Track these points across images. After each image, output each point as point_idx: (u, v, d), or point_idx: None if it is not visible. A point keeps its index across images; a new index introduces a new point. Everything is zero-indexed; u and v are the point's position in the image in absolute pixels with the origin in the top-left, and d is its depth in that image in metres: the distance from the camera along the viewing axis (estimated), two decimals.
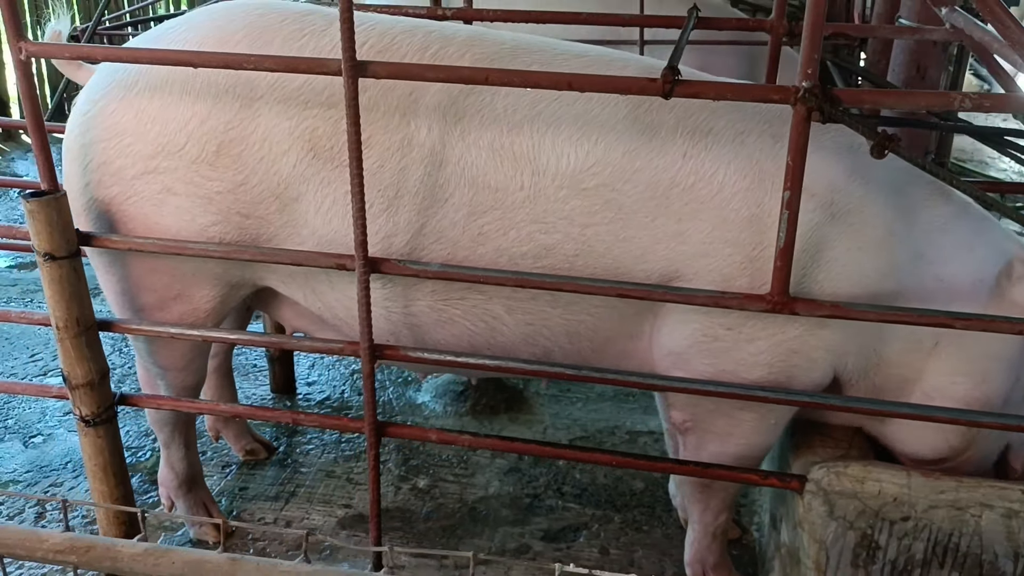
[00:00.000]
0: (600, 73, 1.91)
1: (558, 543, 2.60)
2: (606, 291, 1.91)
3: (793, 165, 1.71)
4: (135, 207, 2.06)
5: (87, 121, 2.06)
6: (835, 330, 1.93)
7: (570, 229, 1.92)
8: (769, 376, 1.97)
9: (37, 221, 2.00)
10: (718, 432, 2.11)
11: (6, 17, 1.91)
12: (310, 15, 2.05)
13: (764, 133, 1.91)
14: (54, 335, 2.12)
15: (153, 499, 2.75)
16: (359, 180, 1.83)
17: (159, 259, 2.13)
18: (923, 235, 1.92)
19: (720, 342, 1.96)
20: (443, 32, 2.03)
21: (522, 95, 1.94)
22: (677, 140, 1.90)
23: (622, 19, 3.18)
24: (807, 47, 1.65)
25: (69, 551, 1.03)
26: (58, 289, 2.07)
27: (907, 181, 1.96)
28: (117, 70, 2.06)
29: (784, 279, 1.80)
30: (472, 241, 1.96)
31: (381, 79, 1.87)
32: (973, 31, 2.12)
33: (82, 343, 2.13)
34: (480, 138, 1.93)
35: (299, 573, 1.01)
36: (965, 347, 1.95)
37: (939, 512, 1.95)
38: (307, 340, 2.20)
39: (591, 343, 2.07)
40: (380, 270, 1.95)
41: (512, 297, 2.01)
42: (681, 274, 1.92)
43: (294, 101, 1.95)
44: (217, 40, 1.99)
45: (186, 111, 1.98)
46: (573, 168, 1.90)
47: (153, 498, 2.75)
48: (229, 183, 1.99)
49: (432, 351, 2.08)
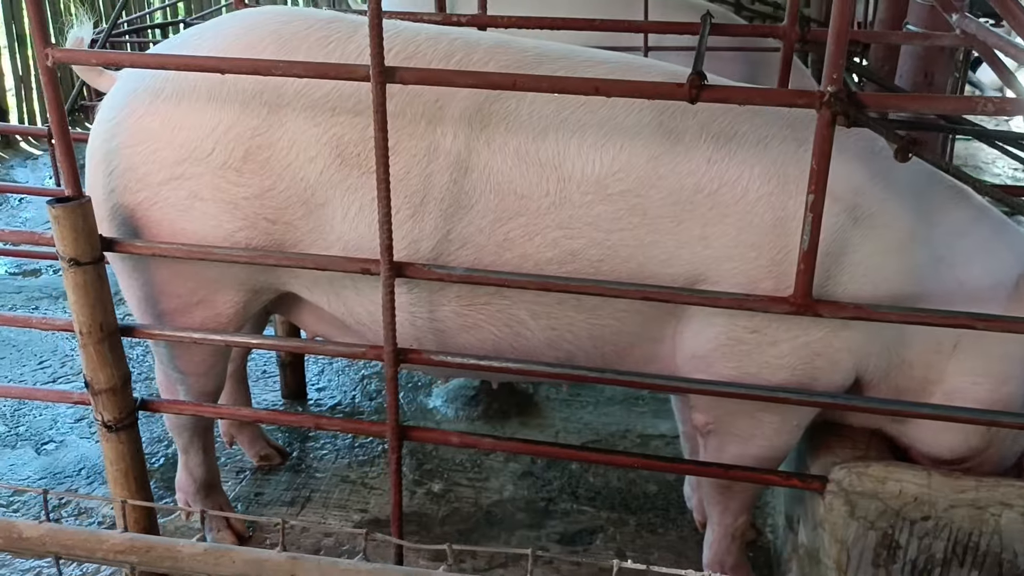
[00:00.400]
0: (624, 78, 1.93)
1: (574, 546, 2.62)
2: (630, 294, 1.93)
3: (818, 168, 1.74)
4: (161, 213, 2.07)
5: (113, 127, 2.07)
6: (857, 332, 1.96)
7: (595, 234, 1.94)
8: (792, 378, 1.99)
9: (62, 227, 2.00)
10: (740, 434, 2.13)
11: (34, 24, 1.92)
12: (335, 22, 2.06)
13: (787, 138, 1.93)
14: (77, 340, 2.12)
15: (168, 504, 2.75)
16: (386, 185, 1.85)
17: (183, 264, 2.14)
18: (944, 238, 1.95)
19: (744, 345, 1.98)
20: (467, 39, 2.05)
21: (547, 102, 1.96)
22: (701, 146, 1.92)
23: (628, 25, 3.21)
24: (832, 52, 1.68)
25: (129, 551, 1.04)
26: (82, 294, 2.07)
27: (927, 185, 1.99)
28: (143, 76, 2.07)
29: (808, 281, 1.83)
30: (497, 247, 1.98)
31: (408, 85, 1.89)
32: (987, 36, 2.15)
33: (105, 348, 2.13)
34: (506, 145, 1.94)
35: (359, 571, 1.02)
36: (985, 349, 1.97)
37: (959, 511, 1.97)
38: (330, 344, 2.21)
39: (615, 347, 2.09)
40: (405, 274, 1.96)
41: (536, 302, 2.03)
42: (706, 278, 1.94)
43: (321, 108, 1.97)
44: (244, 46, 2.01)
45: (213, 117, 1.99)
46: (598, 174, 1.92)
47: (168, 503, 2.75)
48: (256, 189, 2.00)
49: (456, 354, 2.09)
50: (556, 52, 2.05)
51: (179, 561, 1.04)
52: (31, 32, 1.96)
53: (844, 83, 1.72)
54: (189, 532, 2.63)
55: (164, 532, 2.59)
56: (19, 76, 6.56)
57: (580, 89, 1.80)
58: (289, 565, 1.02)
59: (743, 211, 1.91)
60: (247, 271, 2.14)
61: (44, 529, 1.06)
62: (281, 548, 1.04)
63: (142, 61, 2.04)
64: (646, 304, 2.00)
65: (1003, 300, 1.94)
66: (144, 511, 2.28)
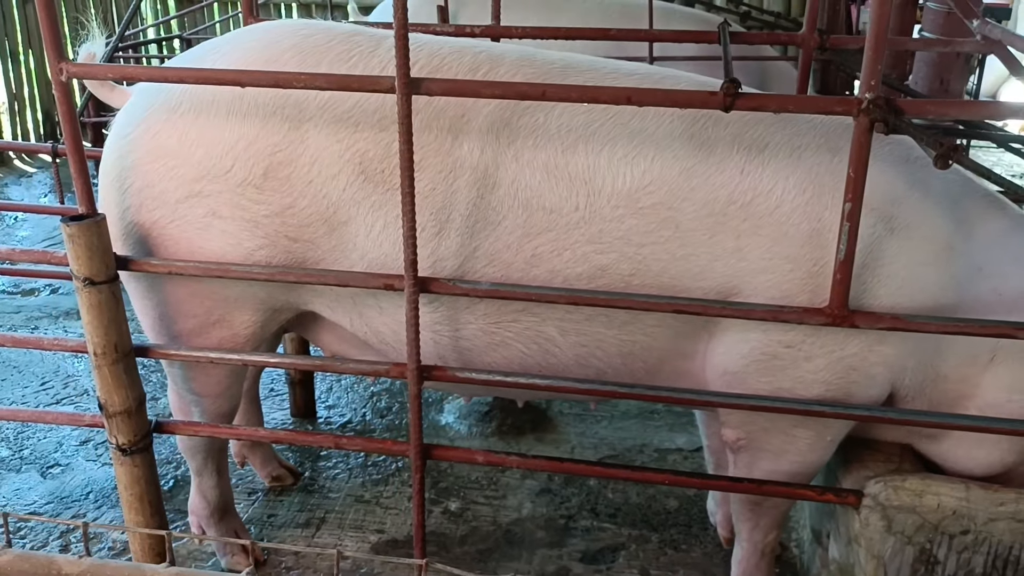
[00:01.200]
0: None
1: (597, 564, 2.56)
2: (662, 307, 1.88)
3: (855, 177, 1.70)
4: (179, 231, 2.01)
5: (129, 143, 2.02)
6: (894, 345, 1.92)
7: (626, 249, 1.90)
8: (827, 393, 1.95)
9: (77, 245, 1.95)
10: (772, 450, 2.08)
11: (47, 38, 1.87)
12: (357, 35, 2.02)
13: (821, 147, 1.90)
14: (91, 362, 2.07)
15: (180, 528, 2.68)
16: (410, 199, 1.81)
17: (200, 284, 2.09)
18: (982, 248, 1.91)
19: (778, 360, 1.94)
20: (491, 53, 2.02)
21: (575, 114, 1.92)
22: (734, 156, 1.88)
23: (635, 34, 3.19)
24: (870, 58, 1.65)
25: None
26: (96, 315, 2.02)
27: (962, 194, 1.95)
28: (159, 91, 2.02)
29: (844, 292, 1.79)
30: (525, 263, 1.93)
31: (434, 96, 1.85)
32: (1013, 40, 2.13)
33: (120, 370, 2.07)
34: (534, 159, 1.90)
35: None
36: (1022, 363, 1.94)
37: (999, 524, 1.94)
38: (352, 362, 2.15)
39: (644, 363, 2.04)
40: (430, 290, 1.92)
41: (565, 319, 1.98)
42: (740, 291, 1.90)
43: (344, 123, 1.92)
44: (264, 60, 1.96)
45: (232, 133, 1.94)
46: (629, 187, 1.88)
47: (179, 527, 2.69)
48: (277, 206, 1.96)
49: (481, 371, 2.05)
50: (583, 64, 2.01)
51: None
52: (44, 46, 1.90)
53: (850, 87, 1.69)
54: (202, 556, 2.57)
55: (176, 556, 2.53)
56: (12, 93, 6.49)
57: (612, 99, 1.76)
58: None
59: (778, 222, 1.87)
60: (266, 290, 2.09)
61: (86, 565, 1.00)
62: None
63: (160, 75, 1.99)
64: (677, 319, 1.96)
65: None
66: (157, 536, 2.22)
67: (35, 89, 6.67)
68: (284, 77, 1.83)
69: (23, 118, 6.62)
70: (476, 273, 1.96)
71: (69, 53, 2.37)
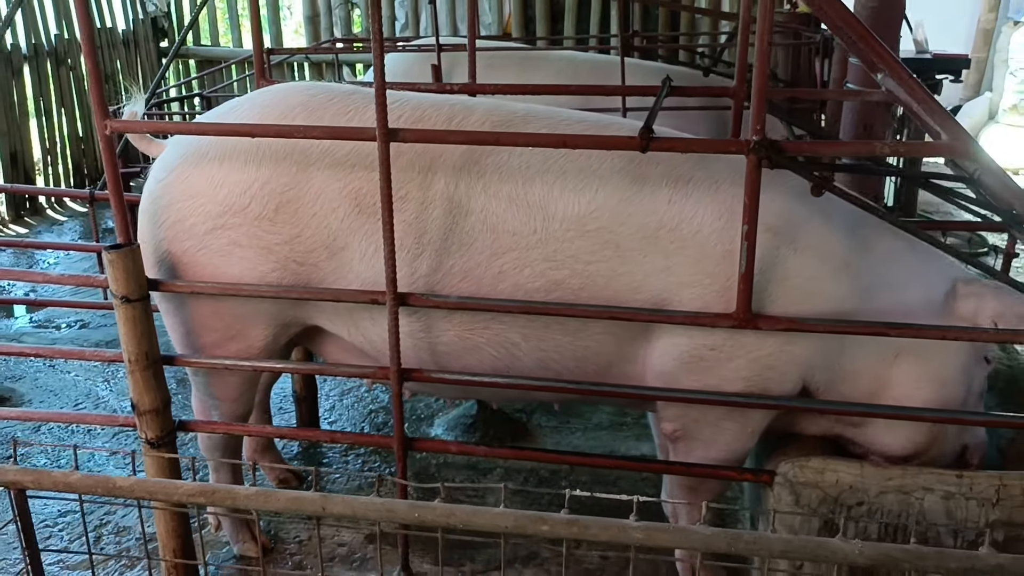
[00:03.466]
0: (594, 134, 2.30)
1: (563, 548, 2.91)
2: (599, 315, 2.26)
3: (749, 203, 2.08)
4: (205, 258, 2.41)
5: (163, 187, 2.43)
6: (802, 347, 2.28)
7: (576, 266, 2.28)
8: (746, 388, 2.31)
9: (115, 268, 2.35)
10: (704, 439, 2.45)
11: (95, 99, 2.29)
12: (353, 95, 2.44)
13: (735, 182, 2.27)
14: (125, 368, 2.46)
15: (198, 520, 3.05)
16: (390, 228, 2.19)
17: (221, 302, 2.48)
18: (879, 264, 2.28)
19: (704, 361, 2.31)
20: (465, 104, 2.43)
21: (534, 153, 2.31)
22: (663, 189, 2.27)
23: (606, 89, 3.62)
24: (756, 107, 2.03)
25: (199, 494, 1.37)
26: (131, 327, 2.41)
27: (862, 220, 2.31)
28: (190, 142, 2.44)
29: (747, 300, 2.16)
30: (493, 279, 2.31)
31: (410, 143, 2.25)
32: (899, 93, 2.51)
33: (150, 375, 2.46)
34: (499, 191, 2.29)
35: (373, 504, 1.35)
36: (924, 357, 2.29)
37: (888, 496, 2.28)
38: (343, 366, 2.55)
39: (595, 366, 2.42)
40: (408, 302, 2.31)
41: (527, 326, 2.36)
42: (670, 302, 2.27)
43: (342, 166, 2.32)
44: (277, 116, 2.37)
45: (250, 176, 2.35)
46: (578, 213, 2.28)
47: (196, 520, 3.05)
48: (287, 236, 2.36)
49: (453, 372, 2.43)
50: (541, 113, 2.41)
51: (237, 500, 1.36)
52: (75, 106, 2.32)
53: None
54: (218, 544, 2.94)
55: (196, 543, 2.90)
56: (46, 148, 6.99)
57: (552, 143, 2.17)
58: (321, 500, 1.35)
59: (699, 244, 2.25)
60: (277, 307, 2.48)
61: (133, 480, 1.39)
62: (314, 490, 1.37)
63: (186, 129, 2.41)
64: (619, 327, 2.34)
65: (935, 315, 2.26)
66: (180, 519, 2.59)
67: (67, 145, 7.18)
68: (287, 129, 2.25)
69: (56, 171, 7.12)
70: (452, 287, 2.34)
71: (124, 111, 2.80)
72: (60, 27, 6.99)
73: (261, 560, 2.41)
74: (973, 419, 2.39)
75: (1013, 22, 8.97)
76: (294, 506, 1.37)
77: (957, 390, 2.36)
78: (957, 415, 2.32)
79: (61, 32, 7.00)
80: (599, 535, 1.38)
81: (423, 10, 7.47)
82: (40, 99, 6.87)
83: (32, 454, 3.51)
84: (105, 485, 1.40)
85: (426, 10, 7.42)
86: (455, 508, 1.38)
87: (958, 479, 2.25)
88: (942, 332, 2.16)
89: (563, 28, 7.23)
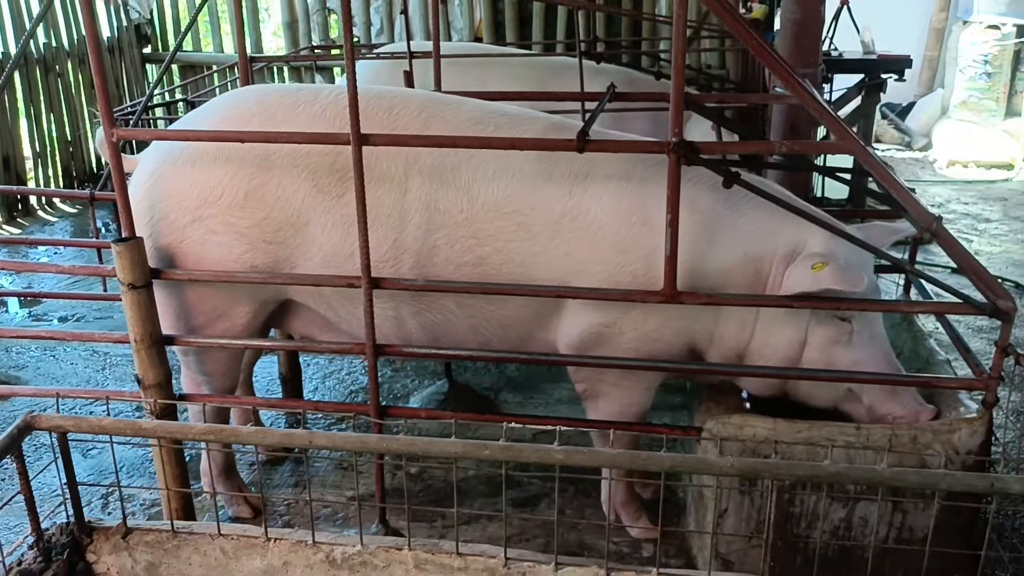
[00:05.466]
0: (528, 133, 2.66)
1: (524, 508, 3.27)
2: (548, 293, 2.63)
3: (671, 195, 2.42)
4: (188, 247, 2.75)
5: (149, 188, 2.75)
6: (681, 320, 2.66)
7: (496, 243, 2.63)
8: (638, 355, 2.71)
9: (123, 259, 2.68)
10: (606, 396, 2.85)
11: (103, 110, 2.62)
12: (300, 91, 2.80)
13: (627, 177, 2.61)
14: (132, 347, 2.78)
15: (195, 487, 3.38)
16: (364, 220, 2.53)
17: (207, 288, 2.81)
18: (752, 241, 2.64)
19: (602, 335, 2.69)
20: (403, 95, 2.80)
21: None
22: (565, 182, 2.62)
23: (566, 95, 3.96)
24: (673, 113, 2.39)
25: (209, 433, 1.71)
26: (137, 311, 2.74)
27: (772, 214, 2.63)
28: (168, 147, 2.77)
29: (672, 278, 2.51)
30: (429, 252, 2.66)
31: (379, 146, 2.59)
32: (789, 98, 2.86)
33: (154, 353, 2.79)
34: (432, 174, 2.63)
35: (349, 438, 1.69)
36: (773, 324, 2.66)
37: (798, 448, 2.64)
38: (324, 343, 2.89)
39: (518, 334, 2.79)
40: (381, 286, 2.64)
41: (460, 297, 2.72)
42: (570, 284, 2.62)
43: (299, 152, 2.65)
44: (237, 118, 2.70)
45: (220, 170, 2.68)
46: (496, 197, 2.62)
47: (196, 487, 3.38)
48: (256, 219, 2.68)
49: (419, 346, 2.79)
50: (471, 105, 2.76)
51: (240, 437, 1.70)
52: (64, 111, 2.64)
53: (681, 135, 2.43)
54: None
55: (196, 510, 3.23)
56: (36, 152, 7.27)
57: (502, 145, 2.51)
58: (308, 435, 1.68)
59: (592, 235, 2.60)
60: (257, 286, 2.81)
61: (156, 423, 1.72)
62: (303, 427, 1.71)
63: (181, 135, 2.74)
64: (535, 301, 2.70)
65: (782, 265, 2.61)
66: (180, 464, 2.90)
67: (55, 148, 7.45)
68: (272, 135, 2.58)
69: (45, 174, 7.39)
70: (397, 259, 2.67)
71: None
72: (48, 36, 7.26)
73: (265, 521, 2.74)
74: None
75: (963, 22, 9.39)
76: (287, 440, 1.71)
77: (795, 347, 2.69)
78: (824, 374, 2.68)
79: (49, 40, 7.27)
80: (529, 457, 1.70)
81: (397, 16, 7.79)
82: (31, 105, 7.14)
83: None
84: (133, 427, 1.73)
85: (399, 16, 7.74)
86: (415, 439, 1.71)
87: (856, 431, 2.62)
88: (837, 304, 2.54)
89: (531, 32, 7.57)
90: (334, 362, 4.49)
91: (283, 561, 1.84)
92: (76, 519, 1.86)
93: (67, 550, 1.83)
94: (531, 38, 7.46)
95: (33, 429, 1.78)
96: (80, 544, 1.87)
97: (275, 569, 1.83)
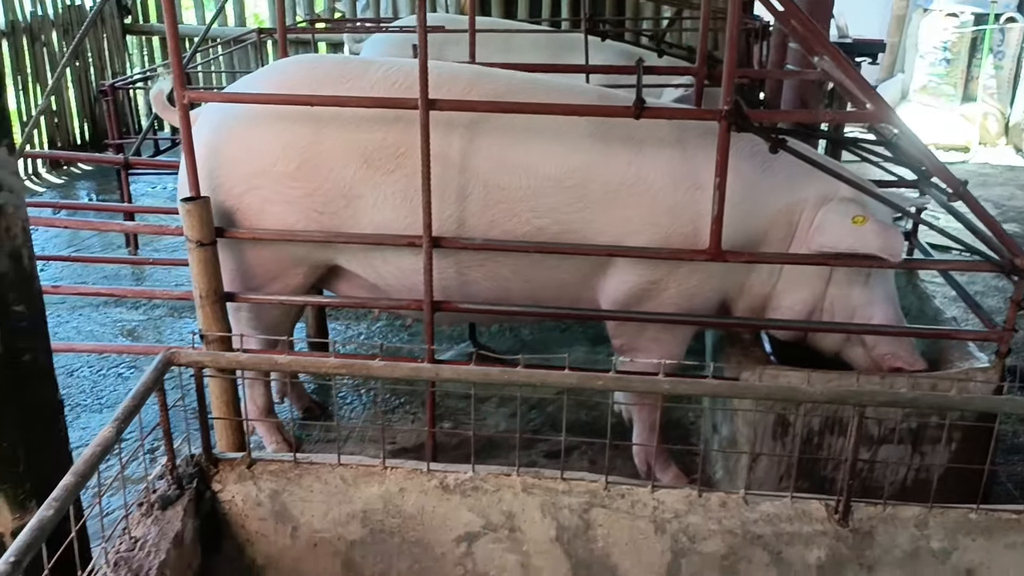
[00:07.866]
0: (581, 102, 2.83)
1: (556, 460, 3.43)
2: (600, 252, 2.80)
3: (720, 160, 2.61)
4: (242, 215, 2.87)
5: (209, 152, 2.85)
6: (719, 278, 2.87)
7: (556, 215, 2.79)
8: (678, 310, 2.92)
9: (191, 216, 2.78)
10: (643, 349, 3.04)
11: (176, 74, 2.71)
12: (349, 63, 2.94)
13: (680, 144, 2.79)
14: (196, 303, 2.89)
15: None
16: (427, 181, 2.67)
17: (265, 249, 2.93)
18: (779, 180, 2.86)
19: (647, 292, 2.89)
20: (478, 72, 2.95)
21: (527, 120, 2.78)
22: (623, 153, 2.78)
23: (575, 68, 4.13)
24: (726, 83, 2.57)
25: (342, 367, 1.85)
26: (202, 268, 2.85)
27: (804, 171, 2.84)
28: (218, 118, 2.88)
29: (718, 239, 2.70)
30: (487, 226, 2.80)
31: (444, 111, 2.72)
32: (833, 72, 3.08)
33: (217, 308, 2.91)
34: (490, 152, 2.77)
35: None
36: (794, 282, 2.90)
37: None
38: (383, 299, 3.03)
39: (568, 296, 2.97)
40: (441, 245, 2.79)
41: (517, 264, 2.88)
42: (627, 245, 2.81)
43: (350, 127, 2.77)
44: (289, 88, 2.80)
45: (275, 141, 2.79)
46: (557, 172, 2.78)
47: None
48: (308, 189, 2.81)
49: (473, 303, 2.94)
50: (550, 84, 2.92)
51: (371, 370, 1.85)
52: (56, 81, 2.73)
53: (737, 103, 2.62)
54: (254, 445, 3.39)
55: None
56: (23, 122, 7.21)
57: (562, 111, 2.68)
58: (434, 370, 1.84)
59: (650, 199, 2.78)
60: (306, 251, 2.93)
61: (290, 357, 1.86)
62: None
63: (254, 99, 2.84)
64: (585, 263, 2.87)
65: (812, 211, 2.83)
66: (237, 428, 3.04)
67: (41, 119, 7.40)
68: (343, 99, 2.70)
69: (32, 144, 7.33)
70: (455, 235, 2.81)
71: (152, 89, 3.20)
72: (35, 5, 7.20)
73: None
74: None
75: (923, 9, 9.74)
76: (414, 374, 1.87)
77: (819, 289, 2.93)
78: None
79: (35, 9, 7.21)
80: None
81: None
82: (17, 76, 7.07)
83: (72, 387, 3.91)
84: (268, 361, 1.86)
85: None
86: (533, 372, 1.87)
87: (881, 380, 2.85)
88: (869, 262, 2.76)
89: (516, 11, 7.70)
90: (351, 328, 4.62)
91: (399, 488, 1.99)
92: (204, 450, 1.99)
93: (196, 479, 1.96)
94: (516, 16, 7.58)
95: (172, 365, 1.90)
96: (206, 474, 2.00)
97: (392, 495, 1.99)
